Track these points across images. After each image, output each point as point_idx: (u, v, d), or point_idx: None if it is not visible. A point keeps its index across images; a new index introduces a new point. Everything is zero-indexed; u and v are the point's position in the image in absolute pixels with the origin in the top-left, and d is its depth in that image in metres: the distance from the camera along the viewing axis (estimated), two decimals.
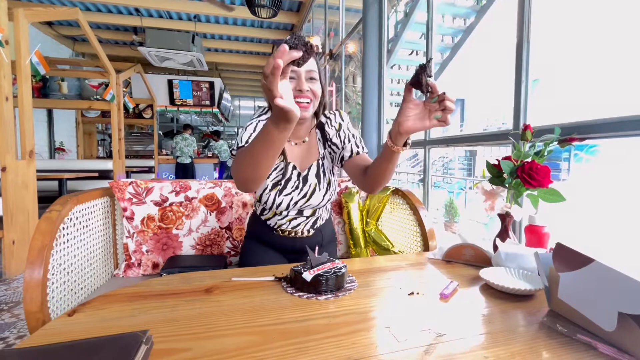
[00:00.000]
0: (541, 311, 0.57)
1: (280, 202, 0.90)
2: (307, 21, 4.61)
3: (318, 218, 0.98)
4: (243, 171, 0.69)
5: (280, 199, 0.90)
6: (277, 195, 0.89)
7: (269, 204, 0.91)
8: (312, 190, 0.91)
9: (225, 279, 0.71)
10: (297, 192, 0.90)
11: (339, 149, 0.92)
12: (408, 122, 0.65)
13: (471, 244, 0.82)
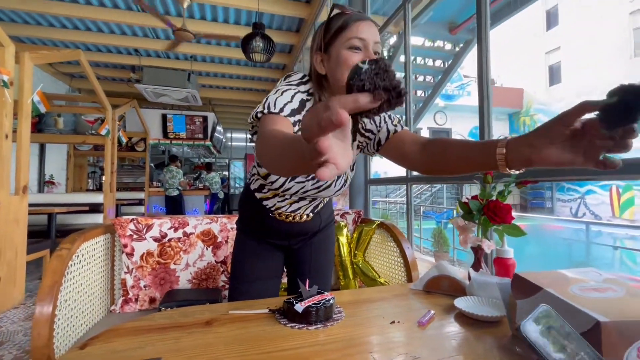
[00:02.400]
0: (506, 335, 0.65)
1: (290, 187, 0.79)
2: (298, 62, 4.91)
3: (320, 202, 0.90)
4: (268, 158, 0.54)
5: (291, 184, 0.78)
6: (288, 180, 0.78)
7: (275, 185, 0.79)
8: (329, 184, 0.81)
9: (222, 312, 0.77)
10: (311, 182, 0.79)
11: (375, 134, 0.81)
12: (551, 150, 0.46)
13: (448, 275, 0.91)
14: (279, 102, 0.69)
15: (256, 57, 2.78)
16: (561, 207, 12.49)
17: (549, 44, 13.65)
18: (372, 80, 0.34)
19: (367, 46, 0.69)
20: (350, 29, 0.69)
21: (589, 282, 0.60)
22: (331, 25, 0.72)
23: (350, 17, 0.70)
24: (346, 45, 0.69)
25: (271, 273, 0.93)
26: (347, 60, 0.68)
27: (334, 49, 0.71)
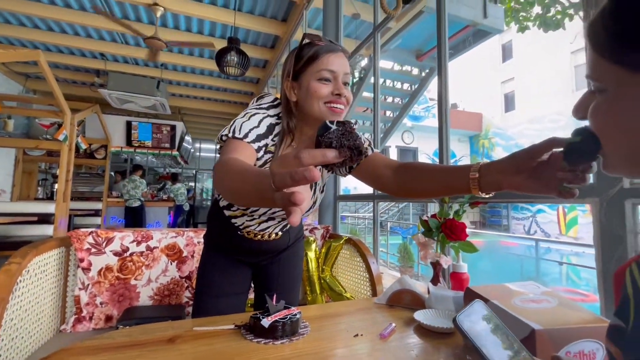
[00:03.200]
0: (459, 346, 0.70)
1: (259, 208, 0.78)
2: (272, 76, 4.97)
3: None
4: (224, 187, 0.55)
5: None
6: None
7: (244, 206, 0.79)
8: None
9: (186, 328, 0.75)
10: None
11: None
12: (517, 178, 0.51)
13: (409, 290, 0.96)
14: (245, 127, 0.69)
15: (230, 70, 2.79)
16: (516, 225, 13.37)
17: (504, 75, 14.90)
18: (339, 139, 0.39)
19: (336, 77, 0.71)
20: (321, 60, 0.71)
21: (529, 295, 0.67)
22: (302, 53, 0.74)
23: (322, 48, 0.72)
24: (316, 77, 0.71)
25: (238, 289, 0.93)
26: (316, 91, 0.70)
27: (305, 78, 0.72)
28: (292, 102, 0.75)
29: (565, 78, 12.51)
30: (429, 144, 14.72)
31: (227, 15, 3.57)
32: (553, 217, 12.26)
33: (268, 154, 0.76)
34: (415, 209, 13.50)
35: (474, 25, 3.20)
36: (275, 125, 0.77)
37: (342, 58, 0.73)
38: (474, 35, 3.46)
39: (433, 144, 14.78)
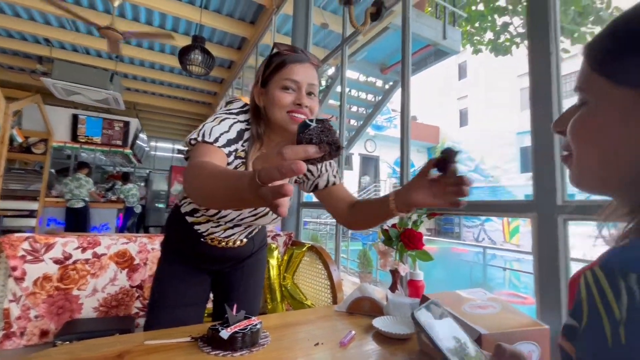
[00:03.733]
0: (415, 351, 0.74)
1: (227, 214, 0.78)
2: (238, 78, 4.87)
3: (255, 228, 0.90)
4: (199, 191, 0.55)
5: (228, 211, 0.77)
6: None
7: (211, 212, 0.78)
8: (265, 212, 0.81)
9: (137, 342, 0.71)
10: (248, 210, 0.78)
11: (314, 176, 0.85)
12: (419, 195, 0.63)
13: (368, 297, 0.98)
14: (215, 131, 0.69)
15: (194, 69, 2.69)
16: (466, 233, 14.30)
17: (459, 92, 16.01)
18: (319, 136, 0.42)
19: (300, 87, 0.72)
20: (286, 70, 0.72)
21: (477, 301, 0.72)
22: (271, 62, 0.75)
23: (288, 58, 0.73)
24: (280, 85, 0.72)
25: (196, 299, 0.89)
26: (279, 100, 0.71)
27: (271, 85, 0.73)
28: (261, 107, 0.76)
29: (512, 99, 13.74)
30: (390, 153, 15.30)
31: (192, 11, 3.44)
32: (499, 225, 13.30)
33: (238, 159, 0.75)
34: None
35: (434, 45, 3.42)
36: (245, 130, 0.76)
37: (308, 68, 0.74)
38: (434, 54, 3.70)
39: (394, 153, 15.39)
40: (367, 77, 5.08)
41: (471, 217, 13.97)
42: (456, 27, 3.94)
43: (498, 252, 7.98)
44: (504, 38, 4.70)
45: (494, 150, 14.20)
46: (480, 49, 5.07)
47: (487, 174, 14.58)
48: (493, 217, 13.33)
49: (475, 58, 5.46)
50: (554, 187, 0.71)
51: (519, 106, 13.49)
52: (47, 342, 1.04)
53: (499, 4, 4.35)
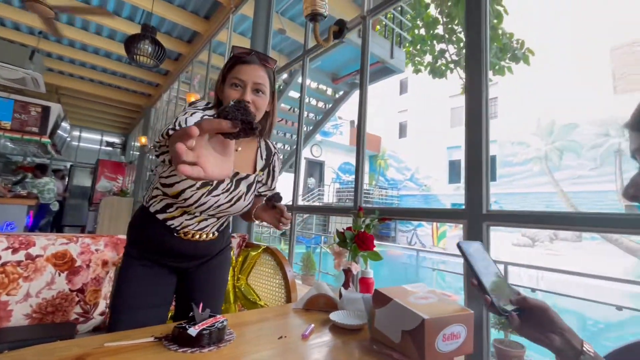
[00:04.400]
0: (367, 338, 0.84)
1: (205, 202, 0.83)
2: (186, 72, 4.65)
3: (226, 220, 0.97)
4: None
5: (207, 199, 0.83)
6: (204, 195, 0.82)
7: (190, 201, 0.82)
8: (239, 197, 0.89)
9: (95, 345, 0.69)
10: (225, 195, 0.86)
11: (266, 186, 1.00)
12: (265, 215, 0.93)
13: (324, 294, 1.07)
14: (190, 121, 0.75)
15: (142, 59, 2.51)
16: (401, 237, 15.39)
17: (400, 106, 17.25)
18: (234, 113, 0.47)
19: (245, 85, 0.83)
20: (234, 70, 0.84)
21: (419, 293, 0.85)
22: (228, 62, 0.87)
23: (237, 59, 0.85)
24: (230, 83, 0.84)
25: (161, 299, 0.88)
26: (227, 95, 0.83)
27: (225, 83, 0.85)
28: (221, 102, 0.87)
29: (444, 115, 15.24)
30: (335, 159, 15.80)
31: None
32: (429, 230, 14.58)
33: None
34: (318, 219, 14.16)
35: (382, 63, 3.70)
36: None
37: (254, 69, 0.84)
38: (382, 71, 3.99)
39: (338, 158, 15.92)
40: (318, 84, 5.25)
41: (405, 222, 15.07)
42: (402, 48, 4.31)
43: (428, 254, 8.78)
44: (441, 62, 5.25)
45: (427, 161, 15.59)
46: (420, 69, 5.58)
47: (420, 183, 15.91)
48: (424, 223, 14.55)
49: (416, 76, 5.97)
50: (481, 199, 0.88)
51: (449, 123, 15.03)
52: None
53: (438, 32, 4.84)
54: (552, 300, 5.03)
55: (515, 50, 4.46)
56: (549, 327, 0.53)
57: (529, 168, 12.29)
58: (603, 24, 10.77)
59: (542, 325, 0.54)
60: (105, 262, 1.19)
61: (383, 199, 15.92)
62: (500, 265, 4.28)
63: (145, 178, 6.35)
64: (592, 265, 6.36)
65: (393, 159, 17.25)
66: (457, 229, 13.51)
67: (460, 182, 14.18)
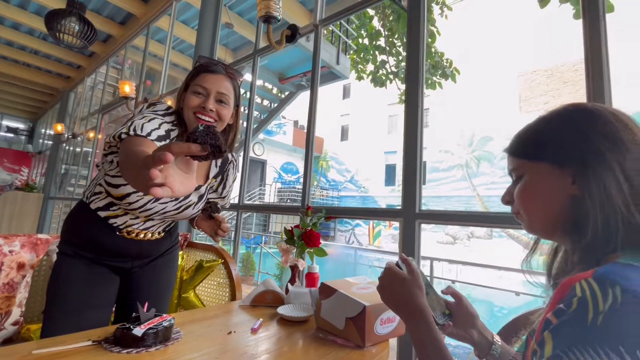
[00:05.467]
0: (312, 327, 0.89)
1: (151, 208, 0.81)
2: (116, 55, 4.22)
3: (173, 221, 0.94)
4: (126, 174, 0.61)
5: (153, 205, 0.81)
6: (150, 202, 0.80)
7: (135, 206, 0.79)
8: (188, 206, 0.87)
9: (22, 353, 0.62)
10: (173, 203, 0.84)
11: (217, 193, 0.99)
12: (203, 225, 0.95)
13: (271, 290, 1.10)
14: (147, 127, 0.73)
15: (67, 39, 2.21)
16: (340, 236, 15.96)
17: (343, 109, 17.88)
18: (204, 137, 0.49)
19: (209, 94, 0.82)
20: (199, 77, 0.84)
21: (361, 284, 0.94)
22: (193, 70, 0.87)
23: (202, 68, 0.85)
24: (192, 89, 0.83)
25: (103, 301, 0.82)
26: (188, 102, 0.82)
27: (188, 90, 0.84)
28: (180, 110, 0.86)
29: (382, 122, 16.22)
30: (278, 158, 15.71)
31: None
32: (365, 230, 15.38)
33: None
34: (258, 219, 13.93)
35: (329, 68, 3.83)
36: (171, 131, 0.80)
37: (219, 79, 0.84)
38: (328, 75, 4.13)
39: (281, 158, 15.87)
40: (264, 82, 5.21)
41: (345, 222, 15.66)
42: (347, 55, 4.51)
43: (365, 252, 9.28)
44: (381, 72, 5.61)
45: (366, 164, 16.43)
46: (362, 76, 5.88)
47: (360, 185, 16.70)
48: (361, 223, 15.30)
49: (358, 83, 6.28)
50: (415, 200, 1.01)
51: (386, 130, 16.06)
52: None
53: (380, 44, 5.17)
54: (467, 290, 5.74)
55: (445, 68, 4.98)
56: (470, 322, 0.62)
57: (453, 174, 13.79)
58: (515, 51, 12.59)
59: (464, 323, 0.62)
60: (21, 264, 1.06)
61: (324, 200, 16.32)
62: (427, 261, 4.73)
63: (59, 171, 5.56)
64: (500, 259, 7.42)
65: (334, 161, 17.80)
66: (390, 229, 14.50)
67: (395, 185, 15.26)
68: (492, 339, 0.61)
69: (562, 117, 0.47)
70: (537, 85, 12.28)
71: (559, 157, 0.45)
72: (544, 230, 0.48)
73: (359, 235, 15.54)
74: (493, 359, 0.59)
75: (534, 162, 0.48)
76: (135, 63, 4.52)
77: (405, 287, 0.58)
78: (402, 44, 5.00)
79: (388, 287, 0.60)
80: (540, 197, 0.47)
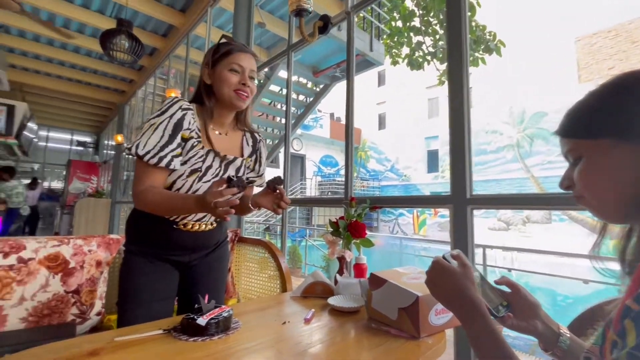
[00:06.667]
0: (364, 318, 0.89)
1: (197, 189, 0.89)
2: (162, 67, 4.51)
3: None
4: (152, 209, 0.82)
5: (198, 185, 0.89)
6: (195, 182, 0.88)
7: (182, 190, 0.88)
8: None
9: (107, 340, 0.70)
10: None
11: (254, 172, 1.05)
12: (262, 200, 0.96)
13: (321, 281, 1.12)
14: (150, 143, 0.82)
15: (119, 56, 2.43)
16: (383, 226, 15.74)
17: (379, 97, 17.45)
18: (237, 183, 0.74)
19: (244, 72, 0.91)
20: (233, 56, 0.90)
21: (411, 274, 0.91)
22: (220, 49, 0.92)
23: (235, 47, 0.92)
24: (228, 67, 0.89)
25: (167, 293, 0.91)
26: (227, 79, 0.89)
27: (219, 67, 0.90)
28: (208, 85, 0.93)
29: (421, 106, 15.57)
30: (316, 152, 15.83)
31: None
32: (410, 219, 14.98)
33: (190, 140, 0.88)
34: (301, 212, 14.21)
35: (362, 55, 3.75)
36: (183, 116, 0.86)
37: (250, 58, 0.93)
38: (362, 63, 4.04)
39: (319, 151, 15.97)
40: (299, 77, 5.24)
41: (387, 212, 15.39)
42: (380, 40, 4.37)
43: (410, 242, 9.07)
44: (418, 54, 5.35)
45: (406, 151, 15.93)
46: (397, 61, 5.66)
47: (400, 173, 16.26)
48: (404, 212, 14.93)
49: (393, 68, 6.07)
50: (465, 185, 0.95)
51: (426, 114, 15.38)
52: None
53: (415, 24, 4.94)
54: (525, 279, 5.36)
55: (488, 42, 4.62)
56: (531, 312, 0.57)
57: (502, 155, 12.85)
58: (568, 15, 11.30)
59: (526, 313, 0.57)
60: (99, 262, 1.19)
61: (365, 190, 16.16)
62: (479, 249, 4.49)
63: (122, 178, 6.15)
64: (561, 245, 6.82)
65: (373, 150, 17.49)
66: (436, 217, 13.97)
67: (439, 171, 14.62)
68: (558, 329, 0.56)
69: (618, 87, 0.42)
70: (599, 50, 10.91)
71: (622, 129, 0.40)
72: (616, 212, 0.43)
73: (402, 225, 15.19)
74: (561, 351, 0.54)
75: (592, 140, 0.43)
76: (178, 72, 4.80)
77: (455, 280, 0.55)
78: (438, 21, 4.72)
79: (438, 282, 0.58)
80: (606, 178, 0.42)
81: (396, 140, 16.40)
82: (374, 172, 17.32)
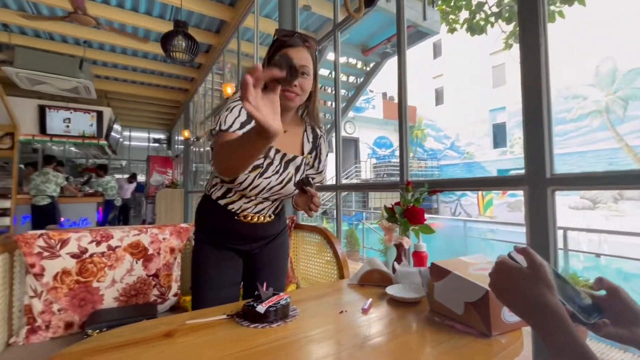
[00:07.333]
0: (425, 310, 0.84)
1: (258, 184, 0.90)
2: (218, 62, 4.74)
3: (280, 203, 1.03)
4: (225, 162, 0.76)
5: (259, 181, 0.90)
6: (256, 177, 0.89)
7: (244, 184, 0.89)
8: (289, 179, 0.94)
9: (178, 323, 0.77)
10: (276, 177, 0.92)
11: (314, 168, 1.03)
12: (299, 202, 0.97)
13: (378, 269, 1.08)
14: (229, 119, 0.83)
15: (178, 56, 2.61)
16: (444, 208, 14.93)
17: (435, 71, 16.23)
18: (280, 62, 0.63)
19: None
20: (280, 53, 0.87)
21: (479, 265, 0.83)
22: (274, 45, 0.90)
23: (286, 42, 0.88)
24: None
25: (233, 279, 0.98)
26: None
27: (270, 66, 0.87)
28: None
29: (484, 76, 14.11)
30: (369, 134, 15.46)
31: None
32: (474, 200, 13.95)
33: None
34: (357, 196, 14.15)
35: (414, 26, 3.47)
36: None
37: (299, 52, 0.87)
38: (414, 35, 3.76)
39: (373, 133, 15.56)
40: (348, 58, 5.09)
41: (449, 193, 14.53)
42: (435, 7, 4.00)
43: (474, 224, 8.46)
44: (479, 17, 4.80)
45: (468, 127, 14.68)
46: (455, 27, 5.14)
47: (462, 151, 15.11)
48: (468, 192, 13.93)
49: (450, 36, 5.53)
50: (543, 161, 0.82)
51: (490, 84, 13.91)
52: (71, 333, 1.07)
53: None
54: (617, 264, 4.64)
55: None
56: (632, 318, 0.46)
57: (586, 124, 11.09)
58: None
59: (625, 319, 0.47)
60: (172, 249, 1.31)
61: (422, 171, 15.43)
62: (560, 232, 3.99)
63: (192, 169, 6.73)
64: None
65: (430, 128, 16.48)
66: (504, 196, 12.79)
67: (507, 146, 13.25)
68: None
69: None
70: None
71: None
72: None
73: (466, 206, 14.23)
74: None
75: None
76: (233, 66, 5.01)
77: (526, 285, 0.45)
78: None
79: (505, 287, 0.48)
80: None
81: (456, 116, 15.20)
82: (432, 151, 16.38)
